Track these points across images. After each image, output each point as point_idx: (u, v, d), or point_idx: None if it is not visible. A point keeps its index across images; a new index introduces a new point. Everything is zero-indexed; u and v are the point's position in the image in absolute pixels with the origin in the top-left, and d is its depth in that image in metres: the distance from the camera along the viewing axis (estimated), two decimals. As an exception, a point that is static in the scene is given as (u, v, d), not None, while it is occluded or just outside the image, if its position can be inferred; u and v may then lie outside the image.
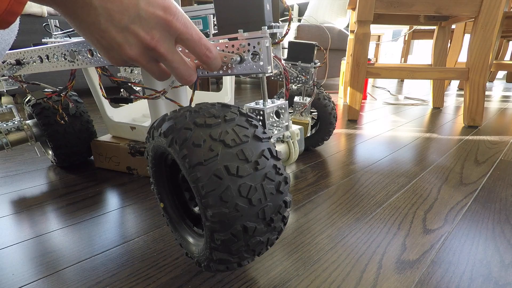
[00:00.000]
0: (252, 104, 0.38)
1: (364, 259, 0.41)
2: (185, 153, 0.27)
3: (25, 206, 0.54)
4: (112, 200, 0.56)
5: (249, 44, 0.31)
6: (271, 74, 0.33)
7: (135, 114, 0.80)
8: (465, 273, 0.38)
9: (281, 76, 0.63)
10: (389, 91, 1.91)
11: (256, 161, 0.28)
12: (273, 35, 0.33)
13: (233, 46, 0.32)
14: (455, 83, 2.39)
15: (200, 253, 0.33)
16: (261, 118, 0.38)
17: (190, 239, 0.35)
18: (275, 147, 0.30)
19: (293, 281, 0.37)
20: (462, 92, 1.97)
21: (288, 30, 0.33)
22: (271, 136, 0.31)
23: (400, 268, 0.39)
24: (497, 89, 2.14)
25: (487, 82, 2.50)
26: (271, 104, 0.38)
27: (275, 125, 0.39)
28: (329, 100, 0.76)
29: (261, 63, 0.31)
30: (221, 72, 0.33)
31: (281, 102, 0.38)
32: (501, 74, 2.99)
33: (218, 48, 0.32)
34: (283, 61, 0.35)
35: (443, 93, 1.42)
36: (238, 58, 0.31)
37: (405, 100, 1.64)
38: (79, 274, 0.38)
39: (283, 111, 0.39)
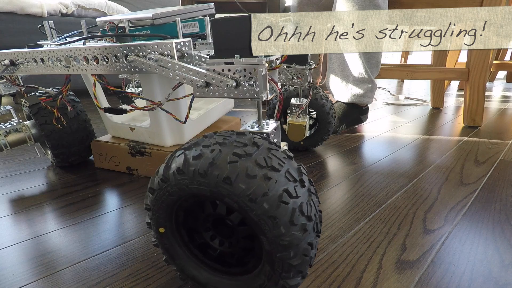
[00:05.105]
0: (249, 127, 0.38)
1: (364, 259, 0.41)
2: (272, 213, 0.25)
3: (24, 206, 0.54)
4: (112, 200, 0.56)
5: (245, 70, 0.31)
6: (266, 99, 0.33)
7: (135, 114, 0.80)
8: (465, 273, 0.38)
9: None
10: (389, 91, 1.91)
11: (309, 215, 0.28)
12: (270, 61, 0.34)
13: (229, 70, 0.32)
14: (455, 83, 2.39)
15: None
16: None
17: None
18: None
19: (293, 281, 0.37)
20: (462, 92, 1.97)
21: (285, 58, 0.33)
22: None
23: (400, 268, 0.39)
24: (497, 89, 2.14)
25: (487, 82, 2.50)
26: (269, 127, 0.39)
27: None
28: (327, 100, 0.76)
29: (257, 89, 0.31)
30: (217, 94, 0.34)
31: (274, 124, 0.39)
32: (501, 74, 2.99)
33: (214, 70, 0.33)
34: (279, 84, 0.36)
35: (443, 93, 1.41)
36: (234, 83, 0.32)
37: (405, 100, 1.64)
38: (79, 274, 0.38)
39: (275, 130, 0.40)
